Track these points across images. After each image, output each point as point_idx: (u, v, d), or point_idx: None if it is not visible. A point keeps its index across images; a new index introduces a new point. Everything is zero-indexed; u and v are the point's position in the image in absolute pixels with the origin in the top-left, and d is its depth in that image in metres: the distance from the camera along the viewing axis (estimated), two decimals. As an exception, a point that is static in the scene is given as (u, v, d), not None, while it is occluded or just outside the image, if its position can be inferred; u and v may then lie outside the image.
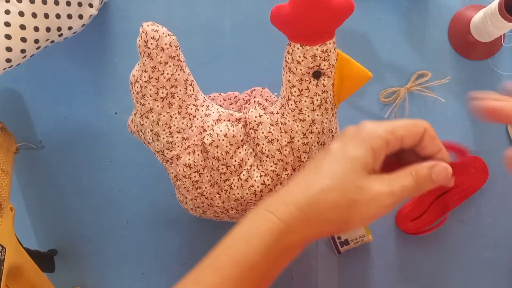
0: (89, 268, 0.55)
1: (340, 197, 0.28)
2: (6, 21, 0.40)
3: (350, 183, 0.28)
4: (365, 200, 0.28)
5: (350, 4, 0.34)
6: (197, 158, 0.41)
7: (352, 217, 0.28)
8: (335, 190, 0.29)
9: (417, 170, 0.29)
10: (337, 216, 0.29)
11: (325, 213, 0.29)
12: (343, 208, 0.28)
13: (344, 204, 0.28)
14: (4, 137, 0.48)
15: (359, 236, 0.51)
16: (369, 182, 0.28)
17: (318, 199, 0.29)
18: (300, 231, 0.29)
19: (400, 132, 0.29)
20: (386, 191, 0.28)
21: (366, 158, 0.29)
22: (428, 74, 0.52)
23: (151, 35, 0.37)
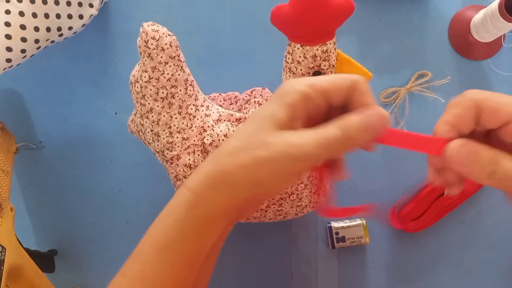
0: (89, 268, 0.55)
1: (246, 156, 0.26)
2: (6, 21, 0.40)
3: (256, 140, 0.26)
4: (273, 155, 0.25)
5: (350, 4, 0.34)
6: (197, 158, 0.41)
7: (262, 176, 0.26)
8: (241, 150, 0.26)
9: (344, 118, 0.25)
10: (245, 177, 0.26)
11: (232, 176, 0.26)
12: (250, 168, 0.26)
13: (251, 163, 0.25)
14: (4, 137, 0.48)
15: (357, 237, 0.51)
16: (279, 136, 0.25)
17: (224, 162, 0.26)
18: (211, 199, 0.27)
19: (323, 85, 0.26)
20: (299, 143, 0.25)
21: (277, 113, 0.26)
22: (428, 74, 0.52)
23: (152, 35, 0.37)
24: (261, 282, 0.53)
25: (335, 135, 0.25)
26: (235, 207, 0.27)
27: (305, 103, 0.26)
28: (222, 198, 0.27)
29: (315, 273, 0.53)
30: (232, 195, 0.27)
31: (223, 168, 0.26)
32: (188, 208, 0.28)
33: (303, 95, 0.26)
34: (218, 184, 0.27)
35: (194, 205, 0.28)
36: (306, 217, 0.53)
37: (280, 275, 0.54)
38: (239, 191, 0.27)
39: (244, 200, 0.27)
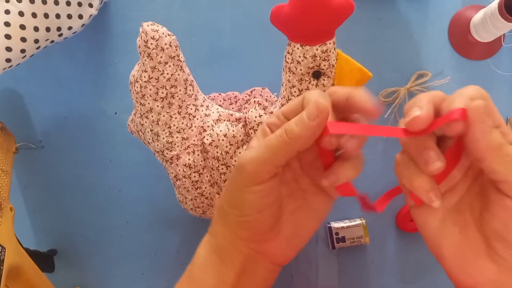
0: (88, 268, 0.55)
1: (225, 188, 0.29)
2: (6, 21, 0.40)
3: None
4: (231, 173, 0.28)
5: (350, 4, 0.34)
6: (197, 158, 0.41)
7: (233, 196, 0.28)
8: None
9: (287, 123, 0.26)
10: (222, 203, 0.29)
11: (219, 204, 0.29)
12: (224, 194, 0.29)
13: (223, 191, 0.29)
14: (4, 137, 0.48)
15: (357, 237, 0.51)
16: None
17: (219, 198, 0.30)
18: (214, 232, 0.30)
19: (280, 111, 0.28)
20: (244, 153, 0.27)
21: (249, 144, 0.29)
22: (428, 74, 0.52)
23: (151, 35, 0.37)
24: (261, 282, 0.53)
25: (275, 136, 0.26)
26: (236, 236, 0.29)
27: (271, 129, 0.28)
28: (220, 228, 0.30)
29: (315, 273, 0.53)
30: (224, 223, 0.30)
31: (217, 202, 0.31)
32: (204, 244, 0.31)
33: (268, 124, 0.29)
34: (216, 218, 0.31)
35: (206, 241, 0.31)
36: (306, 217, 0.53)
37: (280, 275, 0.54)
38: (226, 217, 0.29)
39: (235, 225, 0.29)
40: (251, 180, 0.26)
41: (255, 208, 0.27)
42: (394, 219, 0.53)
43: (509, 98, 0.53)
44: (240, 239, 0.29)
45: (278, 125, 0.27)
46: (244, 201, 0.27)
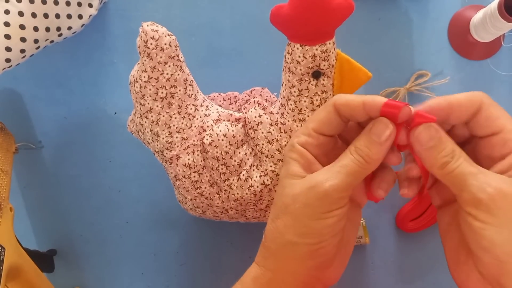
0: (88, 268, 0.55)
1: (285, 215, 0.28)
2: (5, 21, 0.40)
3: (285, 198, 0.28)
4: (303, 201, 0.27)
5: (350, 4, 0.34)
6: (196, 158, 0.41)
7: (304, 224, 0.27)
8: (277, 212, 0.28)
9: (355, 141, 0.27)
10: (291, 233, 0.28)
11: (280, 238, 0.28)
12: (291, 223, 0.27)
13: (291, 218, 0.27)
14: (4, 137, 0.48)
15: (357, 237, 0.51)
16: (302, 183, 0.27)
17: (270, 229, 0.29)
18: (274, 267, 0.29)
19: (311, 128, 0.28)
20: (319, 179, 0.26)
21: (289, 169, 0.28)
22: (427, 74, 0.52)
23: (151, 35, 0.37)
24: (260, 282, 0.53)
25: (352, 160, 0.26)
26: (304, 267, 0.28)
27: (308, 148, 0.28)
28: (283, 262, 0.28)
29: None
30: (292, 256, 0.28)
31: (272, 236, 0.29)
32: (255, 279, 0.30)
33: (301, 144, 0.28)
34: (275, 252, 0.29)
35: (259, 275, 0.30)
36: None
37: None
38: (295, 249, 0.28)
39: (306, 255, 0.28)
40: (333, 206, 0.26)
41: (332, 233, 0.28)
42: (394, 219, 0.53)
43: (508, 98, 0.53)
44: (307, 269, 0.29)
45: (313, 145, 0.28)
46: (323, 226, 0.27)
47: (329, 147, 0.29)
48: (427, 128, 0.25)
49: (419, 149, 0.25)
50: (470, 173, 0.24)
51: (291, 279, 0.29)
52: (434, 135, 0.25)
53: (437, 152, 0.25)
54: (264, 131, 0.40)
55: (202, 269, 0.54)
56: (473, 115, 0.25)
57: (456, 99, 0.25)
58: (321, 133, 0.28)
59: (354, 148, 0.27)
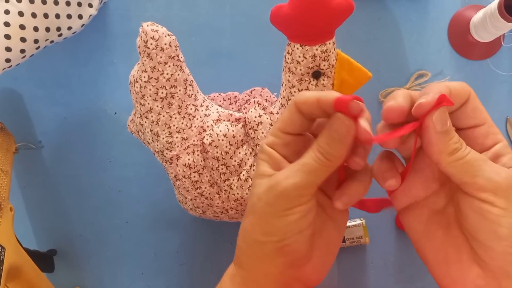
0: (88, 268, 0.55)
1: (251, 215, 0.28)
2: (5, 21, 0.40)
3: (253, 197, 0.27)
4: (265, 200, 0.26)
5: (350, 4, 0.34)
6: (196, 158, 0.41)
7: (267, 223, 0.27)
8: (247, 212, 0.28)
9: (317, 139, 0.26)
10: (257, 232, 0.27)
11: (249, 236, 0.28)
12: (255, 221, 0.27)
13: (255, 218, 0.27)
14: (4, 137, 0.48)
15: (356, 237, 0.51)
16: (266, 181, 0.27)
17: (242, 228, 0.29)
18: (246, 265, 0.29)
19: (277, 128, 0.28)
20: (279, 177, 0.26)
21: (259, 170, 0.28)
22: (427, 74, 0.52)
23: (151, 35, 0.37)
24: (260, 282, 0.53)
25: (312, 158, 0.26)
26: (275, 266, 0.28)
27: (275, 148, 0.28)
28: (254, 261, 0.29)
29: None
30: (261, 254, 0.28)
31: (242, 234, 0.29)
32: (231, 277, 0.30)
33: (269, 145, 0.28)
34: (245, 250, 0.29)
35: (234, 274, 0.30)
36: (305, 217, 0.53)
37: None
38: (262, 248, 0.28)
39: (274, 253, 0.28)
40: (293, 203, 0.26)
41: (296, 229, 0.27)
42: (394, 219, 0.53)
43: (508, 98, 0.53)
44: (279, 267, 0.28)
45: (280, 144, 0.28)
46: (285, 224, 0.27)
47: (299, 146, 0.28)
48: (443, 113, 0.24)
49: (432, 133, 0.24)
50: (482, 159, 0.24)
51: (265, 279, 0.29)
52: (447, 120, 0.24)
53: (448, 138, 0.24)
54: (264, 131, 0.40)
55: (202, 269, 0.54)
56: (462, 105, 0.25)
57: (453, 87, 0.25)
58: (287, 132, 0.28)
59: (316, 145, 0.26)
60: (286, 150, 0.28)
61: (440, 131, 0.24)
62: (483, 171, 0.23)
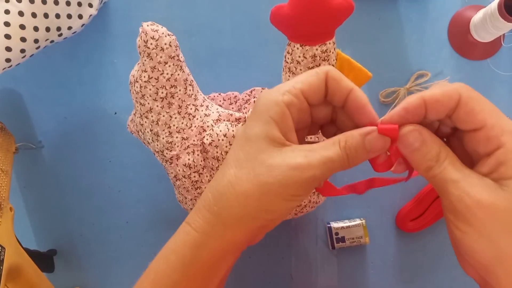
0: (88, 268, 0.55)
1: (250, 184, 0.25)
2: (5, 21, 0.40)
3: (257, 165, 0.24)
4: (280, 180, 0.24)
5: (350, 4, 0.34)
6: (196, 158, 0.41)
7: (270, 201, 0.25)
8: (242, 178, 0.25)
9: (347, 139, 0.25)
10: (254, 207, 0.25)
11: (238, 208, 0.25)
12: (257, 196, 0.25)
13: (257, 191, 0.24)
14: (4, 137, 0.48)
15: (357, 237, 0.51)
16: (281, 156, 0.24)
17: (227, 194, 0.25)
18: (219, 236, 0.26)
19: (299, 88, 0.25)
20: (304, 165, 0.24)
21: (268, 131, 0.25)
22: (427, 74, 0.52)
23: (151, 35, 0.37)
24: (260, 282, 0.53)
25: (337, 156, 0.25)
26: (249, 238, 0.27)
27: (289, 113, 0.25)
28: (234, 234, 0.26)
29: (315, 273, 0.53)
30: (243, 228, 0.26)
31: (228, 202, 0.25)
32: (193, 249, 0.26)
33: (285, 106, 0.25)
34: (225, 219, 0.26)
35: (201, 244, 0.26)
36: (305, 217, 0.53)
37: (280, 275, 0.54)
38: (251, 223, 0.26)
39: (257, 229, 0.26)
40: (305, 191, 0.25)
41: (289, 212, 0.27)
42: (394, 219, 0.53)
43: (508, 98, 0.53)
44: (251, 238, 0.27)
45: (296, 108, 0.25)
46: (287, 208, 0.26)
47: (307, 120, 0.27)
48: (411, 131, 0.24)
49: (404, 151, 0.25)
50: (452, 180, 0.23)
51: (234, 249, 0.27)
52: (418, 138, 0.24)
53: (421, 156, 0.24)
54: (264, 131, 0.40)
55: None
56: (453, 110, 0.24)
57: (430, 95, 0.24)
58: (306, 98, 0.26)
59: (344, 143, 0.25)
60: (297, 117, 0.26)
61: (411, 150, 0.24)
62: (449, 194, 0.23)
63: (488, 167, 0.23)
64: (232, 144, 0.33)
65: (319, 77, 0.25)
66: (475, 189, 0.23)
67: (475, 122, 0.24)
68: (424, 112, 0.24)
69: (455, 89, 0.24)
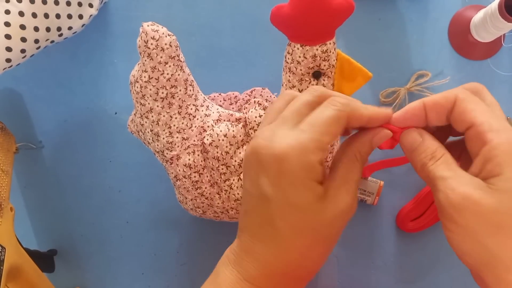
0: (89, 268, 0.55)
1: (314, 243, 0.26)
2: (6, 21, 0.40)
3: (313, 227, 0.25)
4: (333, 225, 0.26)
5: (350, 4, 0.34)
6: (197, 158, 0.41)
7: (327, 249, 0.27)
8: (305, 244, 0.26)
9: (361, 152, 0.27)
10: (312, 261, 0.27)
11: (304, 270, 0.27)
12: (320, 250, 0.27)
13: (318, 246, 0.26)
14: (4, 137, 0.48)
15: (368, 191, 0.50)
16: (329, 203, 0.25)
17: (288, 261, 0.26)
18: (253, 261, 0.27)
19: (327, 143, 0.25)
20: (349, 200, 0.26)
21: (315, 192, 0.25)
22: (428, 74, 0.52)
23: (151, 35, 0.37)
24: (261, 282, 0.53)
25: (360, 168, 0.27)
26: None
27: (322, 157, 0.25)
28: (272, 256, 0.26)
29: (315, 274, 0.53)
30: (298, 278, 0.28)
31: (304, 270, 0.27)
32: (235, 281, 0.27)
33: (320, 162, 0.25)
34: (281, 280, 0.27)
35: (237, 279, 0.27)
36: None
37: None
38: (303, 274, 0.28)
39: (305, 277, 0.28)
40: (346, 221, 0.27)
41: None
42: (394, 219, 0.53)
43: (509, 98, 0.53)
44: None
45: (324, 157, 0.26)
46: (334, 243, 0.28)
47: None
48: (409, 132, 0.26)
49: (405, 151, 0.27)
50: (441, 177, 0.24)
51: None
52: (416, 139, 0.26)
53: (417, 154, 0.25)
54: (264, 131, 0.40)
55: (202, 269, 0.54)
56: (450, 112, 0.25)
57: (430, 99, 0.25)
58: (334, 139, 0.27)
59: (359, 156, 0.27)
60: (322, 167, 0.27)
61: (410, 150, 0.26)
62: (436, 191, 0.24)
63: (476, 166, 0.23)
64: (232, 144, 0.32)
65: (340, 124, 0.25)
66: (462, 187, 0.22)
67: (466, 121, 0.24)
68: (424, 113, 0.26)
69: (452, 91, 0.25)
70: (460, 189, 0.22)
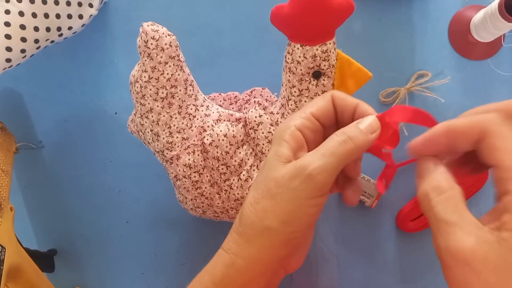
0: (88, 268, 0.55)
1: (264, 199, 0.26)
2: (6, 21, 0.40)
3: (269, 181, 0.26)
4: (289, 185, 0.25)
5: (350, 4, 0.34)
6: (197, 158, 0.41)
7: (288, 212, 0.26)
8: (259, 197, 0.26)
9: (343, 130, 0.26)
10: (271, 219, 0.26)
11: (258, 223, 0.26)
12: (275, 209, 0.26)
13: (272, 205, 0.26)
14: (4, 137, 0.48)
15: (369, 193, 0.50)
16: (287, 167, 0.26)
17: (248, 213, 0.27)
18: (246, 254, 0.27)
19: (309, 112, 0.28)
20: (307, 162, 0.25)
21: (278, 151, 0.27)
22: (428, 74, 0.52)
23: (151, 35, 0.37)
24: (261, 282, 0.53)
25: (335, 140, 0.26)
26: (276, 257, 0.27)
27: (303, 133, 0.27)
28: (258, 250, 0.27)
29: (315, 273, 0.53)
30: (268, 244, 0.27)
31: (249, 220, 0.27)
32: (223, 268, 0.28)
33: (297, 127, 0.27)
34: (249, 238, 0.27)
35: (228, 264, 0.28)
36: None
37: (280, 275, 0.54)
38: (272, 237, 0.26)
39: (281, 244, 0.27)
40: (317, 192, 0.25)
41: (309, 223, 0.27)
42: (394, 219, 0.53)
43: (509, 98, 0.52)
44: (280, 258, 0.28)
45: (309, 129, 0.28)
46: (303, 216, 0.26)
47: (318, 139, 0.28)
48: (425, 160, 0.24)
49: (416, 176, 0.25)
50: (445, 221, 0.22)
51: (263, 269, 0.28)
52: (429, 167, 0.24)
53: (425, 183, 0.23)
54: (264, 131, 0.40)
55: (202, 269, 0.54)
56: (478, 143, 0.23)
57: (455, 126, 0.23)
58: (317, 120, 0.28)
59: (341, 132, 0.26)
60: (311, 137, 0.28)
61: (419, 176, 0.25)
62: (439, 234, 0.22)
63: (494, 211, 0.22)
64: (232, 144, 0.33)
65: (325, 99, 0.28)
66: (467, 238, 0.20)
67: (492, 159, 0.22)
68: (446, 142, 0.24)
69: (481, 119, 0.23)
70: (465, 241, 0.20)
